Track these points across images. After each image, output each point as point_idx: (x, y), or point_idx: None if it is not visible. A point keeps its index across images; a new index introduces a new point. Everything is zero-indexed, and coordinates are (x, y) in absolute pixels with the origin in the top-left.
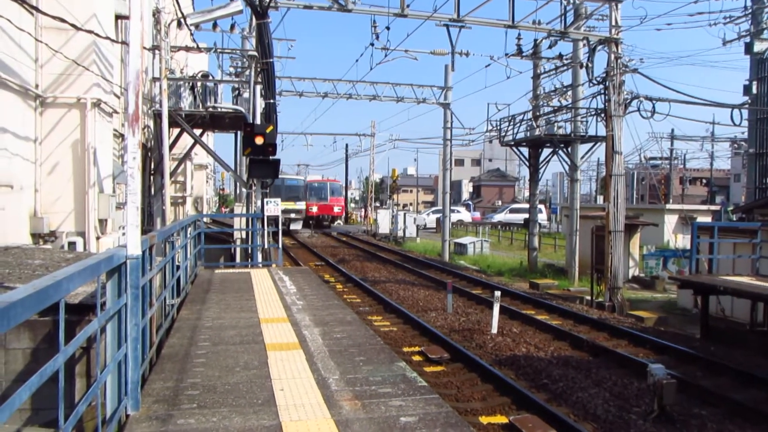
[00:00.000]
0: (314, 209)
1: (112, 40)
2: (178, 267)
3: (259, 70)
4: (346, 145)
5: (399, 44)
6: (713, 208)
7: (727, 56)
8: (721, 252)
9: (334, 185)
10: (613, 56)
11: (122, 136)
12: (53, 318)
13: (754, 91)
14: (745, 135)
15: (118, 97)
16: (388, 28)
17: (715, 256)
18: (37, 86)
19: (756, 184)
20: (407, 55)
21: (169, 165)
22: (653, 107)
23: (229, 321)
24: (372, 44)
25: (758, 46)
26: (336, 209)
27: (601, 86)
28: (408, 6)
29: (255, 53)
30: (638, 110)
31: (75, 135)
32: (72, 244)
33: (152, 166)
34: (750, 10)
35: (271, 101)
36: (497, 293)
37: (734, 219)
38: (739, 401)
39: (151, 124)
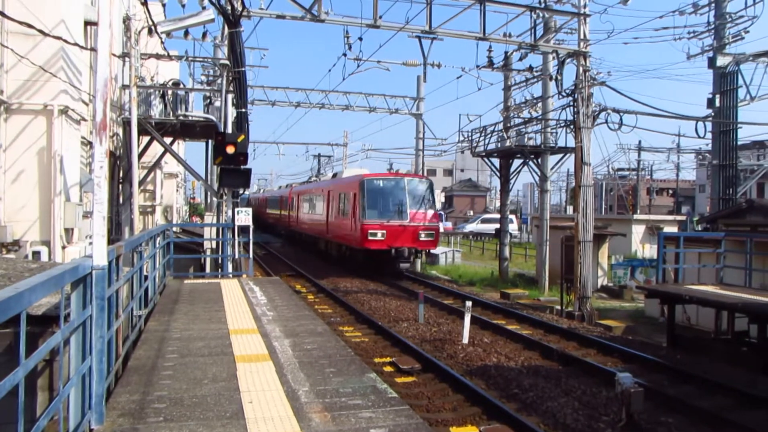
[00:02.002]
0: (378, 235)
1: (81, 47)
2: (146, 277)
3: (230, 78)
4: (319, 155)
5: (371, 55)
6: (679, 218)
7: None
8: (687, 261)
9: (417, 186)
10: (581, 69)
11: (90, 143)
12: (14, 330)
13: (718, 104)
14: (709, 147)
15: (87, 105)
16: (360, 38)
17: (681, 265)
18: (1, 92)
19: (720, 194)
20: (380, 66)
21: (138, 173)
22: (621, 119)
23: (198, 332)
24: (345, 54)
25: (721, 61)
26: (424, 235)
27: (571, 98)
28: (381, 17)
29: (227, 62)
30: (606, 122)
31: (41, 142)
32: (36, 254)
33: (121, 175)
34: (713, 26)
35: (243, 110)
36: (468, 303)
37: (699, 229)
38: (705, 408)
39: (120, 131)
